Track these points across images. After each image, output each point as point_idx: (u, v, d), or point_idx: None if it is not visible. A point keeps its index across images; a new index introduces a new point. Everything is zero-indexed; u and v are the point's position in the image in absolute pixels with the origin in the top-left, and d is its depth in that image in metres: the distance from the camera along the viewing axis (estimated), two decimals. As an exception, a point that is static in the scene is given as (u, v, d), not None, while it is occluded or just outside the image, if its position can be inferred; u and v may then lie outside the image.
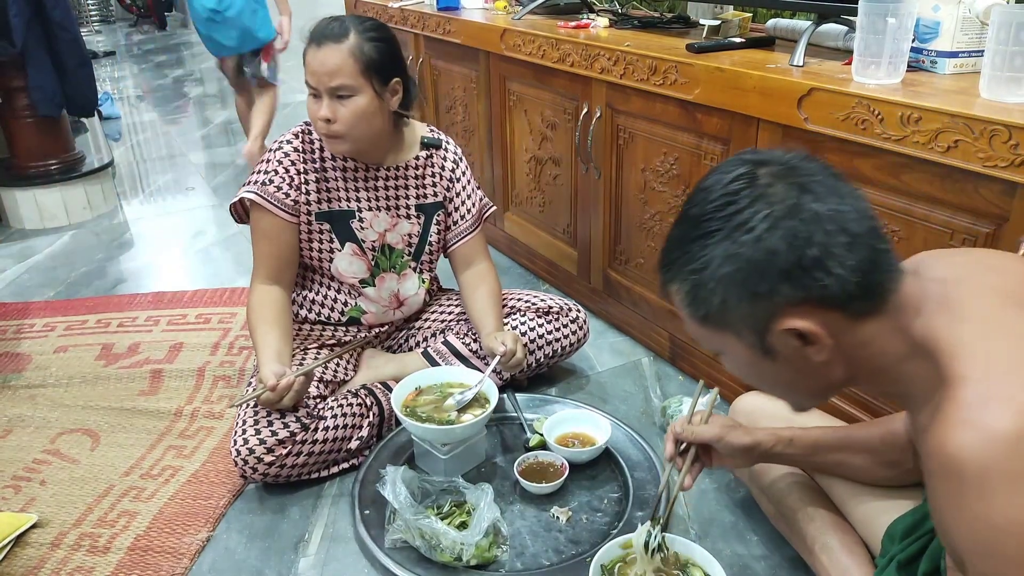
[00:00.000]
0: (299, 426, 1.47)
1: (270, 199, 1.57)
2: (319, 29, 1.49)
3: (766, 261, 0.75)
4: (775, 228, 0.74)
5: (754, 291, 0.76)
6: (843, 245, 0.74)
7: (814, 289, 0.75)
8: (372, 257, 1.68)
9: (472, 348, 1.73)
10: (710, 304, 0.80)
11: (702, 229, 0.78)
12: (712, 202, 0.78)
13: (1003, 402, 0.67)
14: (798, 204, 0.74)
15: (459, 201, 1.74)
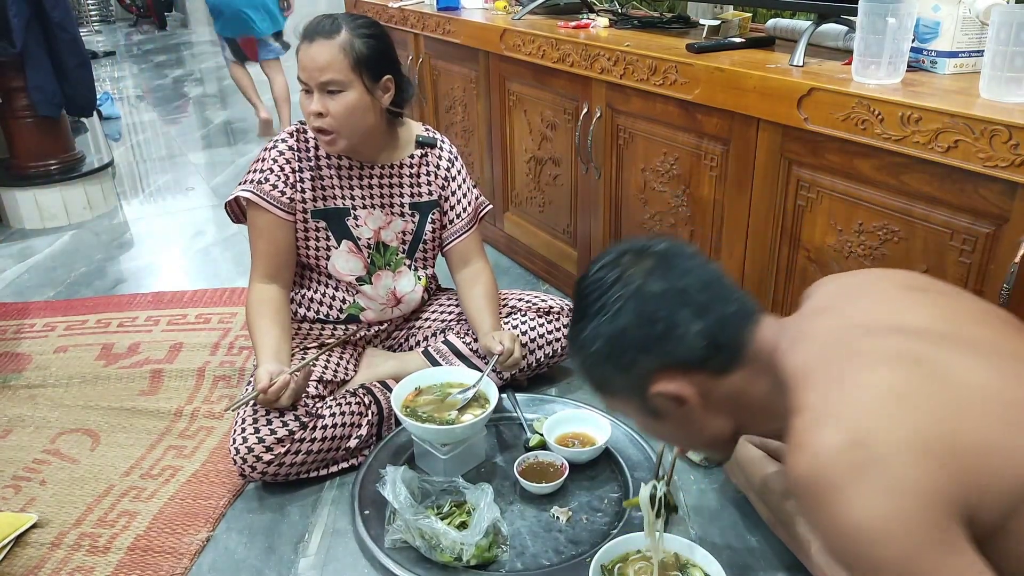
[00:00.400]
0: (298, 425, 1.47)
1: (266, 197, 1.58)
2: (311, 26, 1.50)
3: (622, 338, 0.88)
4: (624, 309, 0.88)
5: (619, 365, 0.90)
6: (687, 316, 0.87)
7: (669, 356, 0.88)
8: (368, 255, 1.68)
9: (473, 348, 1.73)
10: (595, 377, 0.95)
11: (578, 314, 0.94)
12: (584, 288, 0.94)
13: (829, 421, 0.76)
14: (644, 285, 0.88)
15: (454, 200, 1.74)
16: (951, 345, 0.82)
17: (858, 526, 0.71)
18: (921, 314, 0.89)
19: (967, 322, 0.88)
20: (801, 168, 1.43)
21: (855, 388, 0.77)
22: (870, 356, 0.80)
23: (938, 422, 0.73)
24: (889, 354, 0.80)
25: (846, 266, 1.40)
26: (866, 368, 0.78)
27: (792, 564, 1.30)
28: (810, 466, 0.74)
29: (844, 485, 0.72)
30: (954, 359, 0.79)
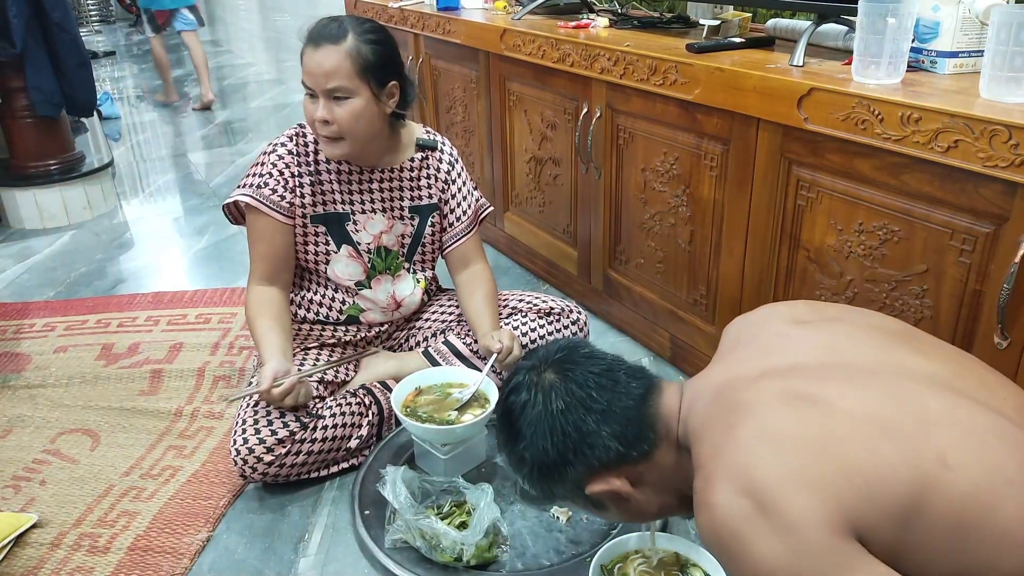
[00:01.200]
0: (298, 425, 1.47)
1: (265, 202, 1.57)
2: (317, 30, 1.48)
3: (544, 457, 0.95)
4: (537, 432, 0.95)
5: (551, 479, 0.97)
6: (594, 422, 0.93)
7: (591, 462, 0.93)
8: (368, 259, 1.68)
9: (473, 348, 1.72)
10: (537, 490, 1.00)
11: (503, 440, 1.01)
12: (502, 418, 1.01)
13: (719, 476, 0.81)
14: (547, 406, 0.95)
15: (454, 203, 1.74)
16: (827, 375, 0.87)
17: (764, 568, 0.76)
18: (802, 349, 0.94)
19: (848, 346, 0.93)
20: (801, 168, 1.43)
21: (737, 439, 0.82)
22: (749, 405, 0.85)
23: (814, 454, 0.78)
24: (766, 399, 0.85)
25: (846, 266, 1.40)
26: (746, 417, 0.84)
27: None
28: (711, 522, 0.80)
29: (742, 534, 0.77)
30: (829, 388, 0.84)
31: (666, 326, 1.92)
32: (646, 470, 0.95)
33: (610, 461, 0.93)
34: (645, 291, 1.96)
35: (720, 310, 1.72)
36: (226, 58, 7.33)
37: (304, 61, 1.48)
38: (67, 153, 3.13)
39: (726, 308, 1.69)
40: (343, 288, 1.69)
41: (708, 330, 1.78)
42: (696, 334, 1.82)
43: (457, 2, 2.58)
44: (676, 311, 1.87)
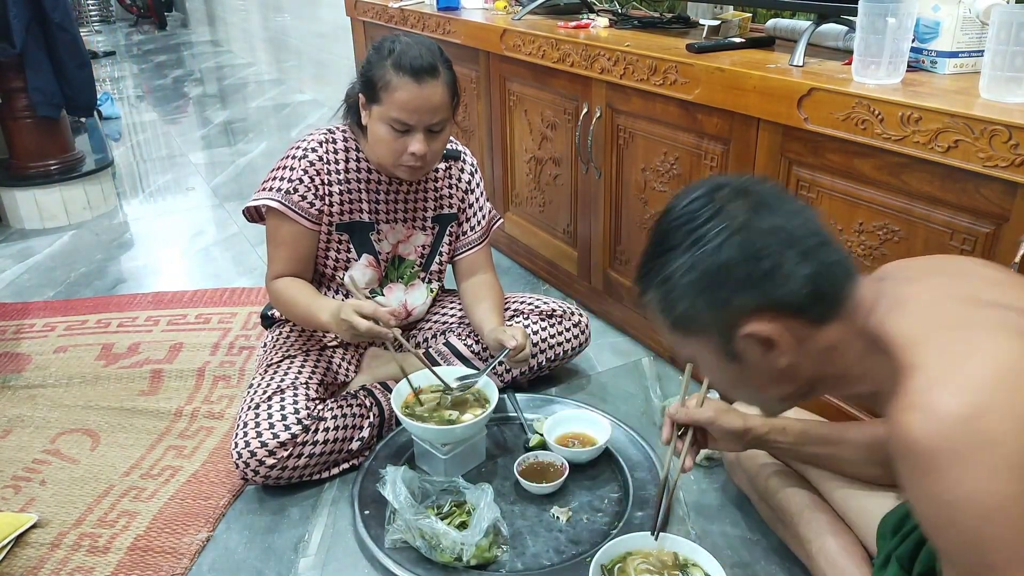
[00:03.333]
0: (300, 428, 1.47)
1: (294, 207, 1.54)
2: (411, 62, 1.42)
3: (724, 271, 0.82)
4: (730, 241, 0.82)
5: (714, 299, 0.84)
6: (794, 257, 0.81)
7: (770, 297, 0.82)
8: (384, 268, 1.68)
9: (474, 349, 1.73)
10: (677, 311, 0.87)
11: (666, 244, 0.87)
12: (674, 220, 0.87)
13: (949, 385, 0.71)
14: (751, 220, 0.82)
15: (471, 212, 1.74)
16: None
17: (970, 498, 0.68)
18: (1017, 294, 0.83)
19: None
20: (801, 168, 1.43)
21: (975, 358, 0.73)
22: (985, 327, 0.76)
23: None
24: (1005, 326, 0.76)
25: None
26: (985, 339, 0.75)
27: (792, 564, 1.30)
28: (927, 429, 0.70)
29: (963, 454, 0.68)
30: None
31: (666, 326, 1.91)
32: (810, 337, 0.84)
33: (788, 306, 0.82)
34: (645, 291, 1.96)
35: (720, 310, 1.72)
36: (226, 58, 7.34)
37: (400, 96, 1.42)
38: (67, 153, 3.12)
39: (726, 308, 1.69)
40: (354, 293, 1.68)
41: (708, 330, 1.77)
42: (696, 334, 1.82)
43: (457, 2, 2.58)
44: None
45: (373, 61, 1.47)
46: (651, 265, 0.89)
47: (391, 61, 1.43)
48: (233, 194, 3.39)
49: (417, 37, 1.50)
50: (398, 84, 1.43)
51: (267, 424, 1.46)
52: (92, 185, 3.16)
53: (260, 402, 1.50)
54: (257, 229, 2.95)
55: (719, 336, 0.86)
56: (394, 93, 1.43)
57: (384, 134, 1.48)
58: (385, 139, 1.48)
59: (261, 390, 1.53)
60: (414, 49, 1.44)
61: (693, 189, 0.88)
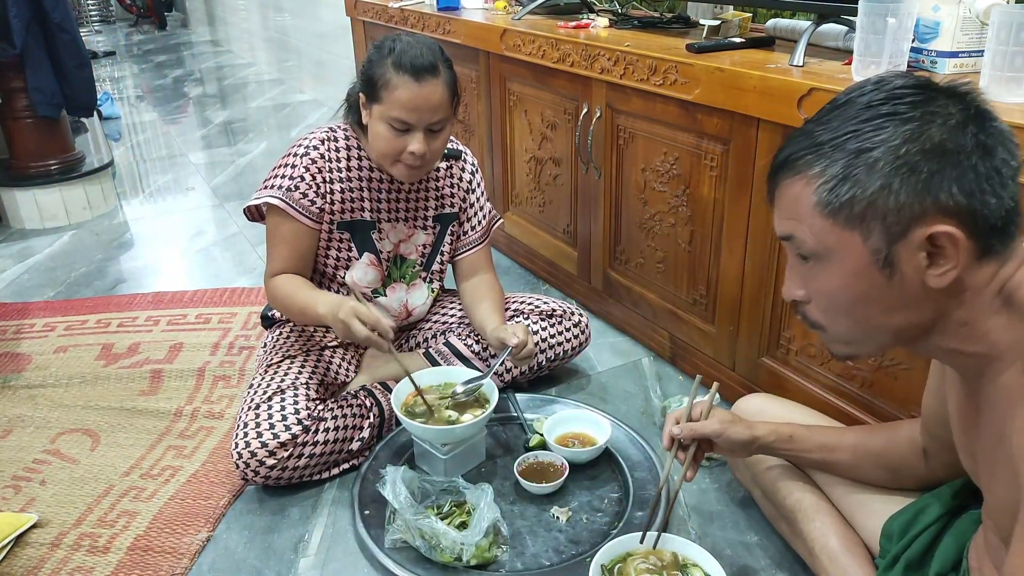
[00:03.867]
0: (300, 428, 1.47)
1: (295, 205, 1.53)
2: (411, 61, 1.42)
3: (952, 152, 0.72)
4: (967, 125, 0.72)
5: (924, 181, 0.72)
6: (1011, 171, 0.74)
7: (976, 202, 0.73)
8: (386, 268, 1.68)
9: (474, 350, 1.73)
10: (863, 188, 0.74)
11: (882, 110, 0.74)
12: (897, 89, 0.75)
13: None
14: (985, 117, 0.74)
15: (471, 212, 1.74)
16: None
17: None
18: None
19: None
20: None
21: None
22: None
23: None
24: None
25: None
26: None
27: (793, 563, 1.30)
28: None
29: None
30: None
31: (666, 326, 1.92)
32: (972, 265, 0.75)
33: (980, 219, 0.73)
34: (645, 291, 1.96)
35: (720, 310, 1.72)
36: (226, 58, 7.34)
37: (399, 95, 1.42)
38: (67, 153, 3.12)
39: (726, 308, 1.69)
40: (355, 295, 1.68)
41: (708, 330, 1.78)
42: (696, 334, 1.82)
43: (457, 2, 2.58)
44: (676, 311, 1.87)
45: (374, 60, 1.47)
46: (845, 131, 0.76)
47: (391, 60, 1.43)
48: (233, 194, 3.39)
49: (418, 37, 1.50)
50: (398, 83, 1.42)
51: (267, 424, 1.46)
52: (92, 185, 3.16)
53: (260, 402, 1.50)
54: (257, 229, 2.95)
55: (887, 233, 0.75)
56: (394, 92, 1.43)
57: (384, 133, 1.47)
58: (385, 137, 1.47)
59: (261, 390, 1.53)
60: (415, 48, 1.43)
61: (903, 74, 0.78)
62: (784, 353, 1.59)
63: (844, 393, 1.48)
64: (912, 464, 1.09)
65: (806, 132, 0.80)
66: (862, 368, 1.43)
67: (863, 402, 1.45)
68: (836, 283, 0.81)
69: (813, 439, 1.19)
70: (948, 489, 1.05)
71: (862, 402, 1.45)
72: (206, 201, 3.36)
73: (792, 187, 0.80)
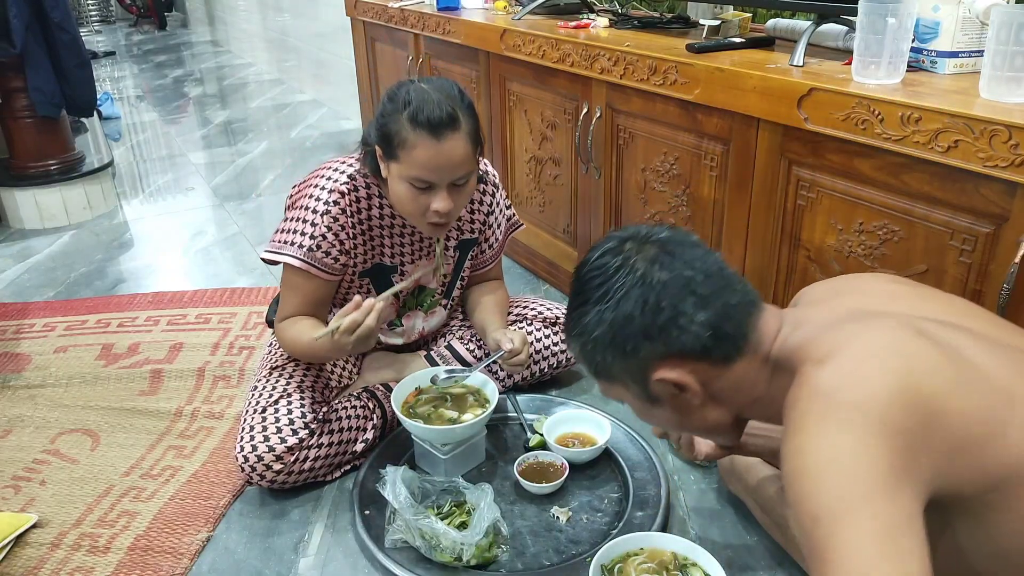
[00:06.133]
0: (307, 432, 1.47)
1: (317, 263, 1.46)
2: (428, 116, 1.30)
3: (626, 324, 0.88)
4: (629, 296, 0.88)
5: (622, 350, 0.90)
6: (692, 305, 0.87)
7: (673, 345, 0.88)
8: (402, 300, 1.66)
9: (476, 354, 1.72)
10: (594, 362, 0.94)
11: (580, 298, 0.93)
12: (587, 274, 0.93)
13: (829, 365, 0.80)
14: (649, 272, 0.88)
15: (489, 232, 1.70)
16: (949, 328, 0.86)
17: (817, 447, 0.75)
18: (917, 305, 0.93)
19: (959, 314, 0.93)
20: (801, 168, 1.43)
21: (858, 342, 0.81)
22: (874, 323, 0.84)
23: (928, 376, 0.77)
24: (893, 323, 0.83)
25: (846, 266, 1.40)
26: (871, 329, 0.83)
27: (793, 564, 1.30)
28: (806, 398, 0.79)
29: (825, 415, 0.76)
30: (953, 337, 0.83)
31: (666, 326, 1.91)
32: (720, 376, 0.91)
33: (691, 352, 0.88)
34: (645, 291, 1.96)
35: (720, 310, 1.72)
36: (226, 58, 7.34)
37: (419, 155, 1.32)
38: (67, 153, 3.12)
39: (726, 308, 1.69)
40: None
41: (708, 330, 1.77)
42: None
43: (457, 2, 2.58)
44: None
45: (388, 113, 1.35)
46: (569, 317, 0.96)
47: (407, 115, 1.32)
48: (233, 194, 3.39)
49: (435, 82, 1.38)
50: (416, 142, 1.31)
51: (274, 428, 1.46)
52: (92, 185, 3.16)
53: (267, 406, 1.50)
54: (257, 228, 2.96)
55: (635, 383, 0.93)
56: (412, 151, 1.32)
57: (405, 192, 1.38)
58: (406, 197, 1.38)
59: (267, 393, 1.53)
60: (431, 99, 1.32)
61: (606, 241, 0.94)
62: (784, 353, 1.59)
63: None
64: None
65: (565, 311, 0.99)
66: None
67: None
68: (642, 417, 1.02)
69: None
70: None
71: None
72: (206, 201, 3.36)
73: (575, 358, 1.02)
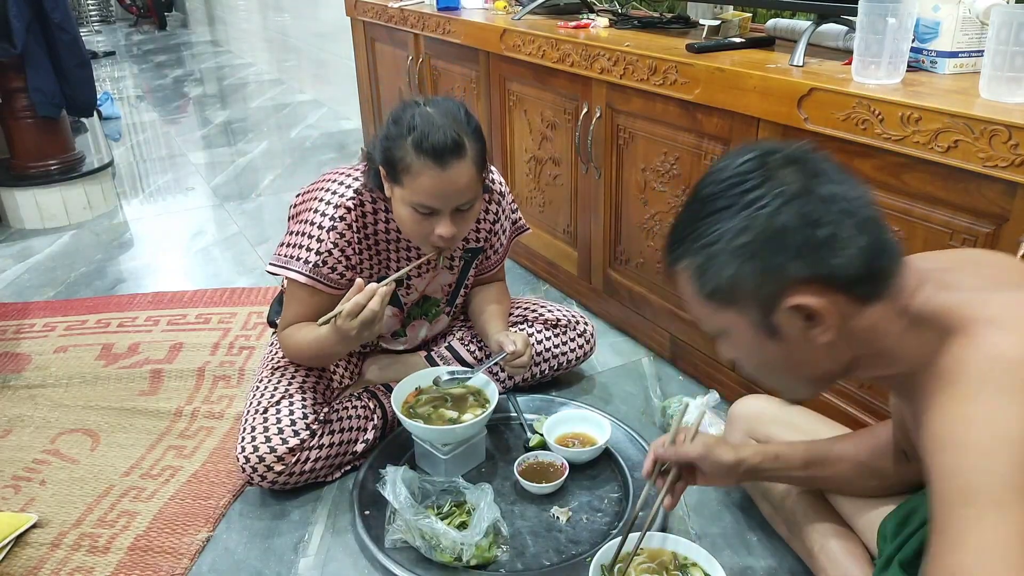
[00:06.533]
0: (308, 433, 1.47)
1: (322, 279, 1.46)
2: (432, 143, 1.28)
3: (778, 237, 0.77)
4: (788, 206, 0.77)
5: (765, 265, 0.78)
6: (851, 228, 0.77)
7: (823, 268, 0.77)
8: (406, 311, 1.66)
9: (476, 355, 1.72)
10: (719, 278, 0.81)
11: (714, 206, 0.81)
12: (724, 182, 0.81)
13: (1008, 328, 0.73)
14: (809, 186, 0.78)
15: (495, 239, 1.69)
16: None
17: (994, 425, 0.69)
18: None
19: None
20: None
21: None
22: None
23: None
24: None
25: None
26: None
27: (794, 563, 1.30)
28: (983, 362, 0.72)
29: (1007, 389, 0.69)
30: None
31: (666, 326, 1.92)
32: (856, 315, 0.81)
33: (838, 279, 0.78)
34: (645, 291, 1.96)
35: (720, 310, 1.72)
36: (226, 58, 7.34)
37: (422, 183, 1.30)
38: (67, 153, 3.12)
39: (726, 308, 1.69)
40: None
41: (708, 330, 1.77)
42: (696, 334, 1.82)
43: (457, 2, 2.58)
44: (676, 311, 1.87)
45: (392, 137, 1.33)
46: (692, 229, 0.82)
47: (411, 142, 1.30)
48: (233, 194, 3.39)
49: (441, 104, 1.36)
50: (420, 169, 1.30)
51: (276, 429, 1.46)
52: (92, 185, 3.16)
53: (268, 406, 1.50)
54: (258, 228, 2.96)
55: (760, 308, 0.81)
56: (416, 178, 1.31)
57: (408, 217, 1.37)
58: (410, 221, 1.37)
59: (268, 394, 1.53)
60: (436, 123, 1.29)
61: (741, 152, 0.83)
62: (784, 353, 1.59)
63: (844, 393, 1.48)
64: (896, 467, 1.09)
65: (676, 223, 0.87)
66: (862, 368, 1.43)
67: (863, 402, 1.45)
68: (742, 353, 0.90)
69: (798, 455, 1.16)
70: None
71: (861, 402, 1.45)
72: (206, 201, 3.36)
73: (677, 277, 0.87)
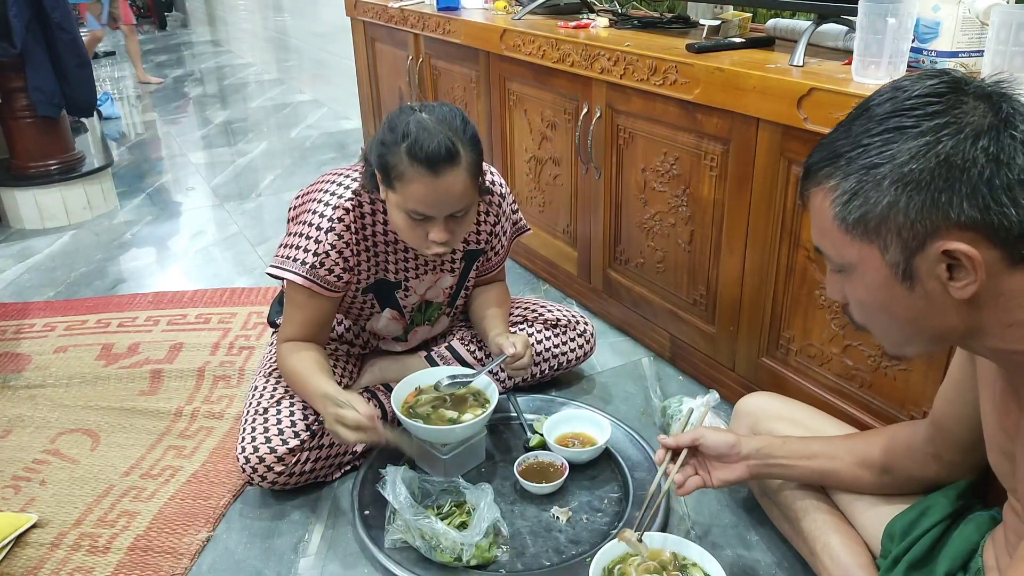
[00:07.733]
0: (308, 433, 1.47)
1: (319, 281, 1.44)
2: (427, 152, 1.27)
3: (957, 170, 0.70)
4: (979, 138, 0.70)
5: (933, 199, 0.70)
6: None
7: (993, 215, 0.70)
8: (409, 317, 1.66)
9: (476, 355, 1.72)
10: (873, 204, 0.73)
11: (891, 124, 0.73)
12: (909, 100, 0.73)
13: None
14: (1006, 124, 0.71)
15: (496, 240, 1.68)
16: None
17: None
18: None
19: None
20: (801, 168, 1.43)
21: None
22: None
23: None
24: None
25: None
26: None
27: (794, 562, 1.30)
28: None
29: None
30: None
31: (666, 326, 1.92)
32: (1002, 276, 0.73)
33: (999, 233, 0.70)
34: (645, 291, 1.96)
35: (720, 310, 1.72)
36: (226, 58, 7.34)
37: (416, 190, 1.30)
38: (67, 153, 3.12)
39: (726, 308, 1.69)
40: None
41: (708, 330, 1.78)
42: (696, 334, 1.82)
43: (457, 2, 2.58)
44: (676, 311, 1.87)
45: (387, 143, 1.32)
46: (855, 145, 0.75)
47: (405, 148, 1.28)
48: (233, 194, 3.39)
49: (438, 111, 1.34)
50: (413, 176, 1.29)
51: (276, 430, 1.46)
52: (92, 185, 3.16)
53: (268, 406, 1.50)
54: (258, 228, 2.96)
55: (904, 247, 0.74)
56: (409, 185, 1.30)
57: (402, 222, 1.37)
58: (404, 226, 1.37)
59: (268, 394, 1.53)
60: (431, 129, 1.28)
61: (929, 74, 0.75)
62: (784, 353, 1.59)
63: (844, 393, 1.48)
64: (912, 468, 1.09)
65: (829, 140, 0.79)
66: (861, 368, 1.43)
67: (863, 402, 1.45)
68: (863, 293, 0.81)
69: (807, 446, 1.18)
70: (953, 490, 1.05)
71: (862, 402, 1.45)
72: (206, 201, 3.36)
73: (815, 197, 0.80)
